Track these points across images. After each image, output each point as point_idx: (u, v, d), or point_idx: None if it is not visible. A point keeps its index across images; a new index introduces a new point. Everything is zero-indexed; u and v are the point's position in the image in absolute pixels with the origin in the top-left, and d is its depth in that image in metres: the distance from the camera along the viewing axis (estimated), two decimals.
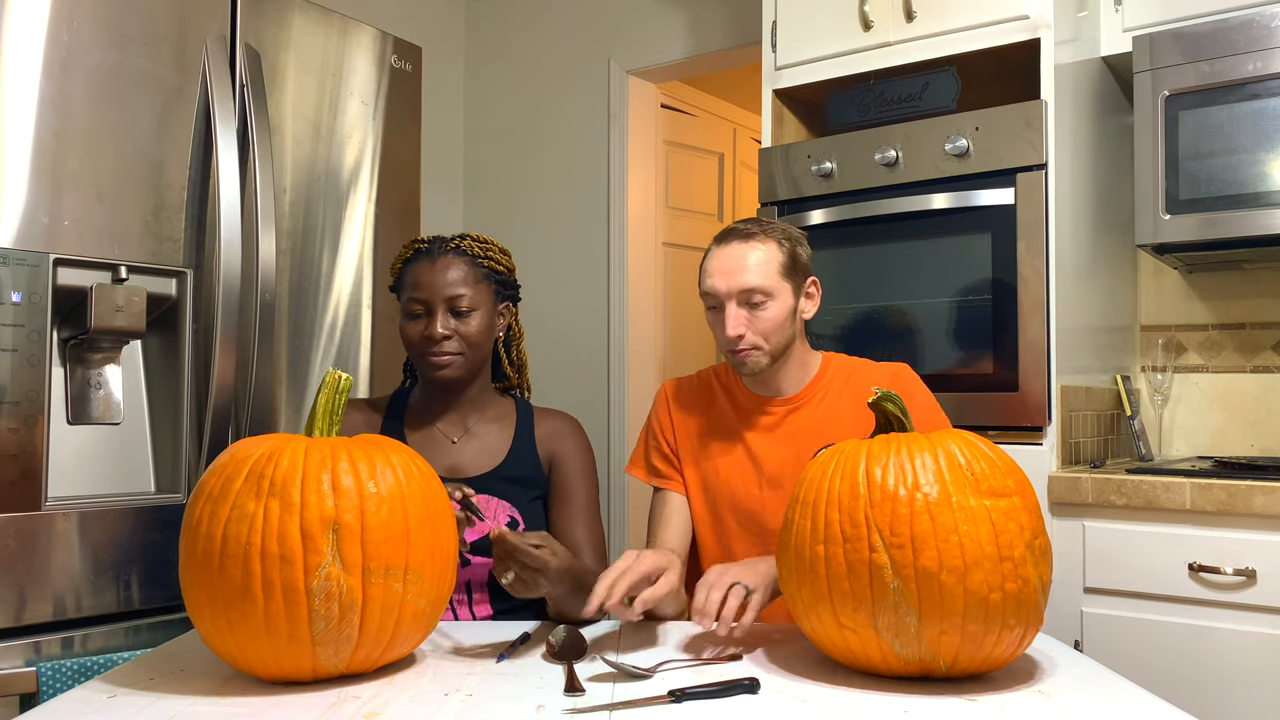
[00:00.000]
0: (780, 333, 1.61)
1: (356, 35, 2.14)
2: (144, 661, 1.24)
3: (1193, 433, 2.49)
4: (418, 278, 1.64)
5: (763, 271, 1.58)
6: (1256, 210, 2.02)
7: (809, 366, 1.70)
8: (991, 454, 1.17)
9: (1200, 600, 1.84)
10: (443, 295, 1.62)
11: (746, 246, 1.60)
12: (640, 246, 3.41)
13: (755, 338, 1.59)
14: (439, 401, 1.71)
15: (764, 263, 1.59)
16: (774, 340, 1.60)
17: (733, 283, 1.58)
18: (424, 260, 1.65)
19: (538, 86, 3.56)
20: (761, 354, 1.60)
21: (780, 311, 1.60)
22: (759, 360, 1.61)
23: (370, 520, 1.11)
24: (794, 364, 1.68)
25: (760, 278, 1.58)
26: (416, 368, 1.69)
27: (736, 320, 1.58)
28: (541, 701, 1.08)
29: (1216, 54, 2.06)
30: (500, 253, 1.72)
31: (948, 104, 2.21)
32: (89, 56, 1.70)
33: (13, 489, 1.59)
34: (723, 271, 1.60)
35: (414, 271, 1.65)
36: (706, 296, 1.62)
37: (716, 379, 1.76)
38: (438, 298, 1.62)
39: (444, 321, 1.62)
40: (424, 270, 1.64)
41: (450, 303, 1.63)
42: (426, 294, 1.62)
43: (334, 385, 1.22)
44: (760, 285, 1.58)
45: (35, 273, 1.63)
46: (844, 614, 1.12)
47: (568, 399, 3.27)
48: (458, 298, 1.63)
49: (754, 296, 1.58)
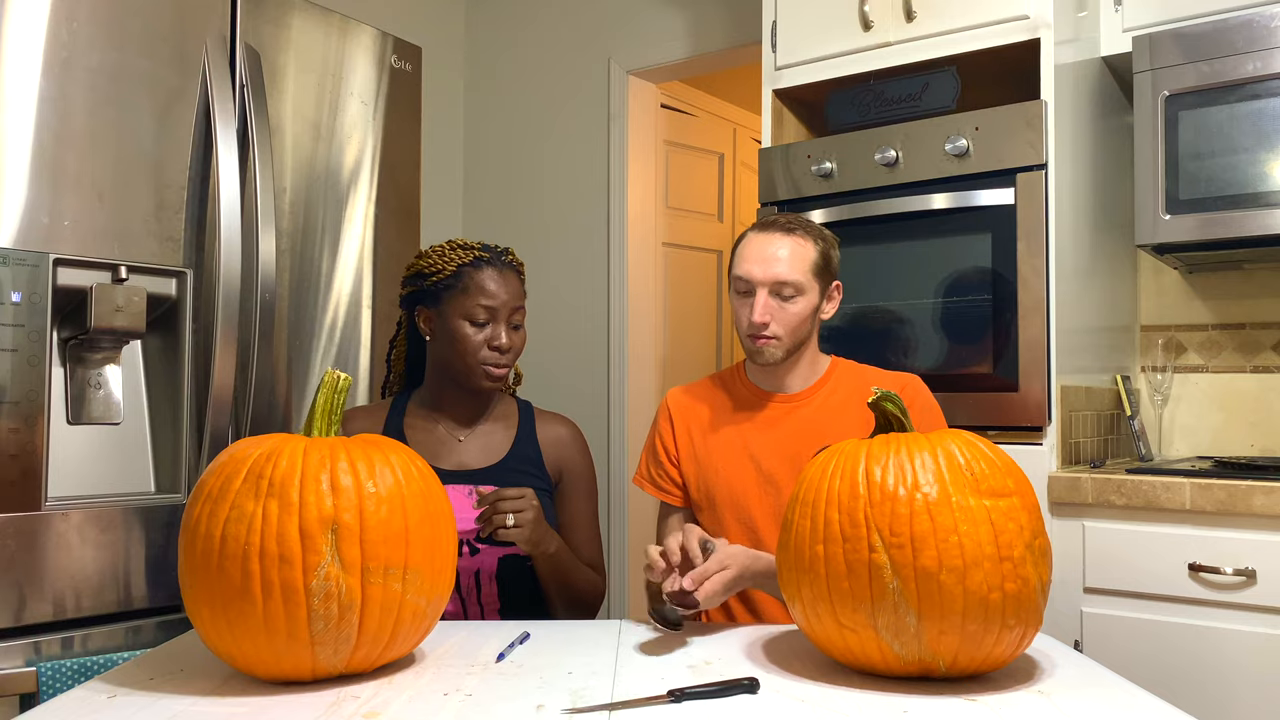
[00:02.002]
0: (800, 328, 1.65)
1: (356, 35, 2.14)
2: (144, 661, 1.24)
3: (1193, 433, 2.49)
4: (484, 284, 1.67)
5: (798, 267, 1.63)
6: (1256, 210, 2.01)
7: (817, 367, 1.73)
8: (991, 454, 1.16)
9: (1200, 600, 1.84)
10: (510, 307, 1.69)
11: (787, 239, 1.64)
12: (640, 246, 3.41)
13: (778, 328, 1.63)
14: (451, 402, 1.75)
15: (800, 258, 1.63)
16: (793, 335, 1.65)
17: (768, 272, 1.62)
18: (492, 269, 1.69)
19: (538, 86, 3.56)
20: (779, 345, 1.64)
21: (806, 308, 1.65)
22: (774, 351, 1.65)
23: (369, 520, 1.11)
24: (804, 363, 1.71)
25: (794, 272, 1.63)
26: (462, 371, 1.70)
27: (765, 308, 1.62)
28: (541, 701, 1.08)
29: (1216, 54, 2.05)
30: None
31: (948, 104, 2.21)
32: (89, 56, 1.70)
33: (13, 489, 1.59)
34: (759, 259, 1.64)
35: (482, 278, 1.68)
36: (738, 281, 1.66)
37: (720, 380, 1.79)
38: (505, 309, 1.68)
39: (509, 332, 1.69)
40: (493, 279, 1.68)
41: (512, 316, 1.70)
42: (496, 303, 1.67)
43: (333, 385, 1.22)
44: (793, 279, 1.62)
45: (35, 273, 1.63)
46: (844, 614, 1.12)
47: (568, 399, 3.28)
48: (518, 310, 1.71)
49: (785, 289, 1.63)
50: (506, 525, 1.54)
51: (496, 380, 1.70)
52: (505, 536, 1.55)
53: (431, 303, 1.71)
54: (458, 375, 1.70)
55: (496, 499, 1.55)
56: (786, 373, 1.71)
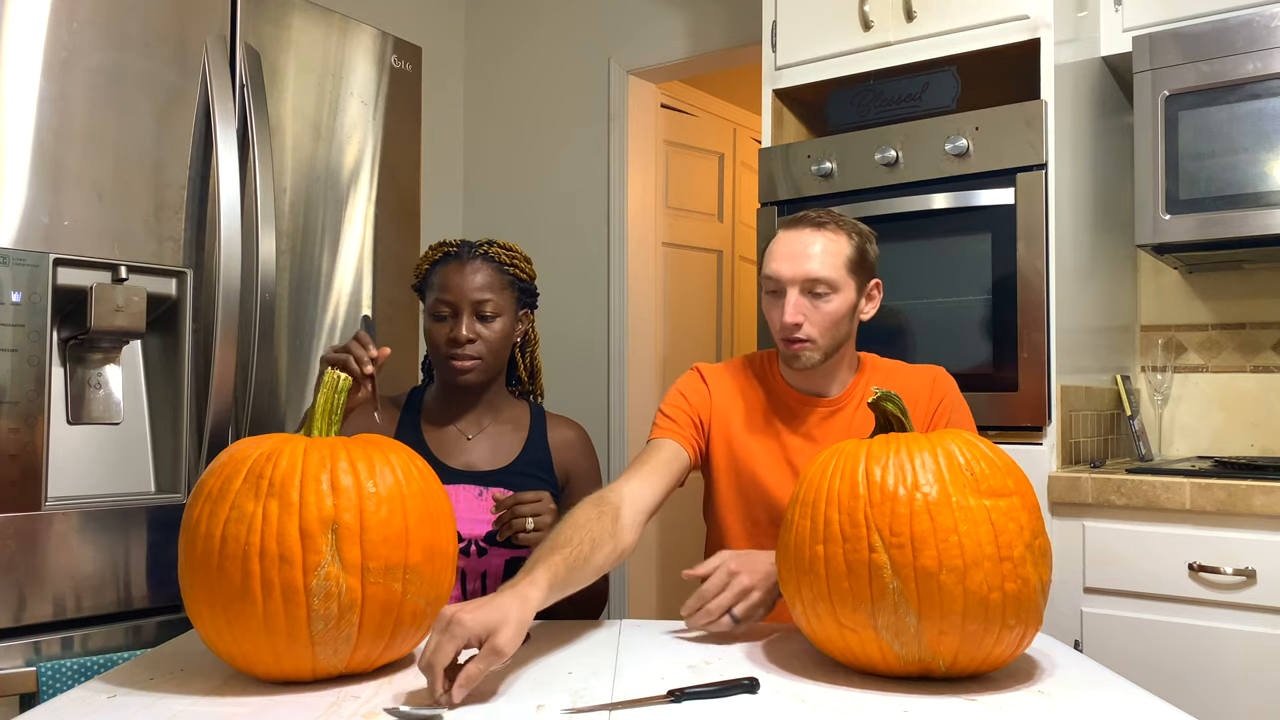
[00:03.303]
0: (837, 329, 1.56)
1: (356, 35, 2.14)
2: (144, 661, 1.24)
3: (1193, 433, 2.49)
4: (446, 280, 1.68)
5: (830, 263, 1.54)
6: (1256, 210, 2.01)
7: (853, 368, 1.67)
8: (991, 454, 1.17)
9: (1200, 600, 1.84)
10: (470, 299, 1.67)
11: (818, 234, 1.55)
12: (640, 246, 3.40)
13: (811, 329, 1.54)
14: (456, 402, 1.76)
15: (833, 254, 1.54)
16: (829, 336, 1.55)
17: (798, 269, 1.53)
18: (453, 263, 1.69)
19: (538, 86, 3.56)
20: (815, 349, 1.55)
21: (841, 306, 1.55)
22: (811, 356, 1.55)
23: (369, 520, 1.11)
24: (843, 366, 1.63)
25: (827, 269, 1.53)
26: (437, 369, 1.74)
27: (796, 308, 1.53)
28: (541, 701, 1.08)
29: (1216, 54, 2.05)
30: (524, 260, 1.77)
31: (948, 104, 2.21)
32: (89, 56, 1.70)
33: (13, 489, 1.59)
34: (789, 256, 1.54)
35: (442, 274, 1.69)
36: (768, 280, 1.57)
37: (752, 367, 1.70)
38: (465, 301, 1.67)
39: (469, 325, 1.66)
40: (453, 273, 1.68)
41: (476, 307, 1.67)
42: (454, 296, 1.67)
43: (333, 385, 1.22)
44: (825, 276, 1.53)
45: (35, 273, 1.63)
46: (844, 614, 1.12)
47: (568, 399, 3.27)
48: (484, 302, 1.68)
49: (818, 287, 1.53)
50: (527, 529, 1.54)
51: (464, 373, 1.67)
52: (524, 540, 1.55)
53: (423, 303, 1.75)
54: (438, 373, 1.74)
55: (514, 503, 1.55)
56: (825, 377, 1.61)
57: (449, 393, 1.75)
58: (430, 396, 1.80)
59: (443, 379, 1.73)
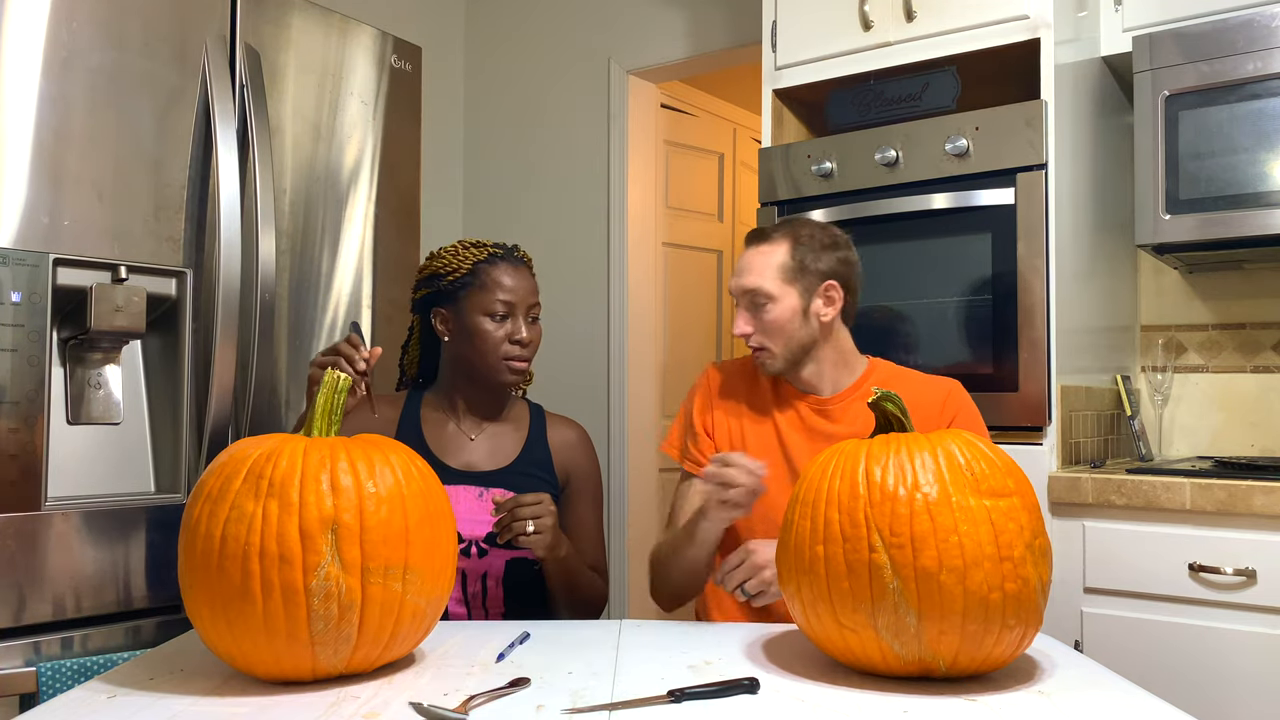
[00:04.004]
0: (787, 334, 1.63)
1: (356, 35, 2.14)
2: (144, 661, 1.24)
3: (1193, 433, 2.49)
4: (501, 279, 1.69)
5: (764, 274, 1.63)
6: (1256, 210, 2.01)
7: (852, 370, 1.70)
8: (991, 454, 1.16)
9: (1200, 600, 1.84)
10: (527, 302, 1.70)
11: (756, 249, 1.66)
12: (640, 246, 3.41)
13: (763, 338, 1.64)
14: (464, 401, 1.76)
15: (766, 266, 1.63)
16: (780, 341, 1.63)
17: (736, 283, 1.66)
18: (507, 264, 1.71)
19: (537, 86, 3.56)
20: (771, 355, 1.64)
21: (782, 313, 1.62)
22: (771, 361, 1.65)
23: (369, 520, 1.11)
24: (827, 365, 1.68)
25: (759, 280, 1.62)
26: (483, 368, 1.71)
27: (741, 319, 1.65)
28: (541, 701, 1.08)
29: (1216, 54, 2.05)
30: None
31: (948, 104, 2.21)
32: (89, 56, 1.70)
33: (13, 489, 1.59)
34: (735, 271, 1.67)
35: (497, 273, 1.69)
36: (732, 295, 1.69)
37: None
38: (523, 303, 1.70)
39: (527, 326, 1.70)
40: (508, 274, 1.70)
41: (530, 310, 1.71)
42: (515, 297, 1.69)
43: (332, 385, 1.22)
44: (758, 286, 1.62)
45: (35, 273, 1.63)
46: (844, 614, 1.12)
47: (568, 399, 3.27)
48: (535, 305, 1.73)
49: (756, 297, 1.63)
50: (527, 532, 1.54)
51: (518, 374, 1.71)
52: (525, 543, 1.55)
53: (448, 303, 1.71)
54: (478, 373, 1.71)
55: (515, 505, 1.55)
56: (810, 377, 1.68)
57: (461, 392, 1.74)
58: (431, 396, 1.79)
59: (487, 378, 1.71)
